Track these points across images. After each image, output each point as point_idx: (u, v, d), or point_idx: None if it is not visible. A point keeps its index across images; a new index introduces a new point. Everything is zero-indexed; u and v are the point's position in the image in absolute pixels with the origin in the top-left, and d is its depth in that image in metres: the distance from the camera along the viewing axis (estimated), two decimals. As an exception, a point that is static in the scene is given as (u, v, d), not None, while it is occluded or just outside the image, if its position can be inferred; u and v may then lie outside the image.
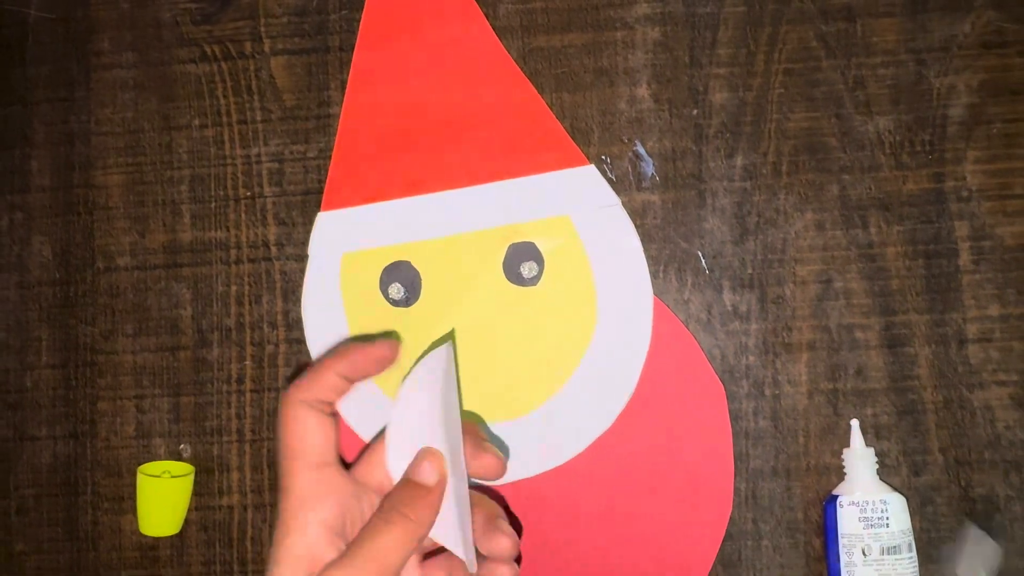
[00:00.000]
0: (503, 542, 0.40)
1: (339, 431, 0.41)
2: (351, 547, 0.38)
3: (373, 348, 0.42)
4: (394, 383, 0.50)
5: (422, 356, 0.44)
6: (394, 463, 0.41)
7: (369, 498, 0.41)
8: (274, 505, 0.52)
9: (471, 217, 0.51)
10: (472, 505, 0.41)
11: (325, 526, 0.39)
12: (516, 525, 0.50)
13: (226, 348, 0.52)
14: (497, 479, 0.43)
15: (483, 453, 0.42)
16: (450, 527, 0.40)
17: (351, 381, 0.42)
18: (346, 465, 0.42)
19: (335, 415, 0.42)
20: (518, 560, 0.50)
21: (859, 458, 0.48)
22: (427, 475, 0.40)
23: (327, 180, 0.52)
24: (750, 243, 0.51)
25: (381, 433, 0.42)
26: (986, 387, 0.50)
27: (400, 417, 0.42)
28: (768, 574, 0.50)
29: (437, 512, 0.40)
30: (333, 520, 0.39)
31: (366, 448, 0.43)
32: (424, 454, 0.41)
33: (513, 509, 0.50)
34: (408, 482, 0.40)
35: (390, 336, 0.42)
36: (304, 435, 0.40)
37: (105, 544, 0.52)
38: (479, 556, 0.41)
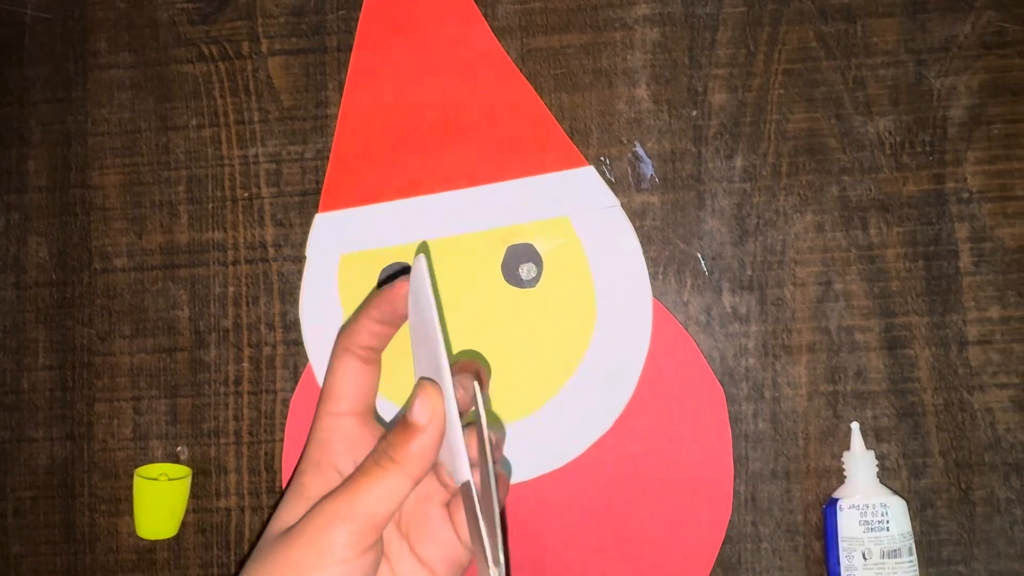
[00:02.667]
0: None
1: (378, 380, 0.42)
2: (337, 492, 0.36)
3: (397, 285, 0.40)
4: (392, 385, 0.50)
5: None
6: (417, 365, 0.40)
7: None
8: (272, 508, 0.51)
9: (469, 218, 0.51)
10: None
11: (336, 470, 0.39)
12: (516, 528, 0.50)
13: (223, 350, 0.52)
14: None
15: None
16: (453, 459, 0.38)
17: (387, 324, 0.41)
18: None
19: (377, 363, 0.42)
20: (506, 556, 0.49)
21: (859, 461, 0.48)
22: (417, 413, 0.37)
23: (325, 181, 0.52)
24: (750, 245, 0.51)
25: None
26: (986, 389, 0.49)
27: (414, 350, 0.41)
28: (767, 577, 0.49)
29: (431, 453, 0.37)
30: (344, 467, 0.39)
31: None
32: (417, 389, 0.37)
33: (512, 511, 0.50)
34: (400, 422, 0.37)
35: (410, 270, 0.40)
36: (335, 381, 0.41)
37: (102, 546, 0.52)
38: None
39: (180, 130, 0.54)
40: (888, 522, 0.46)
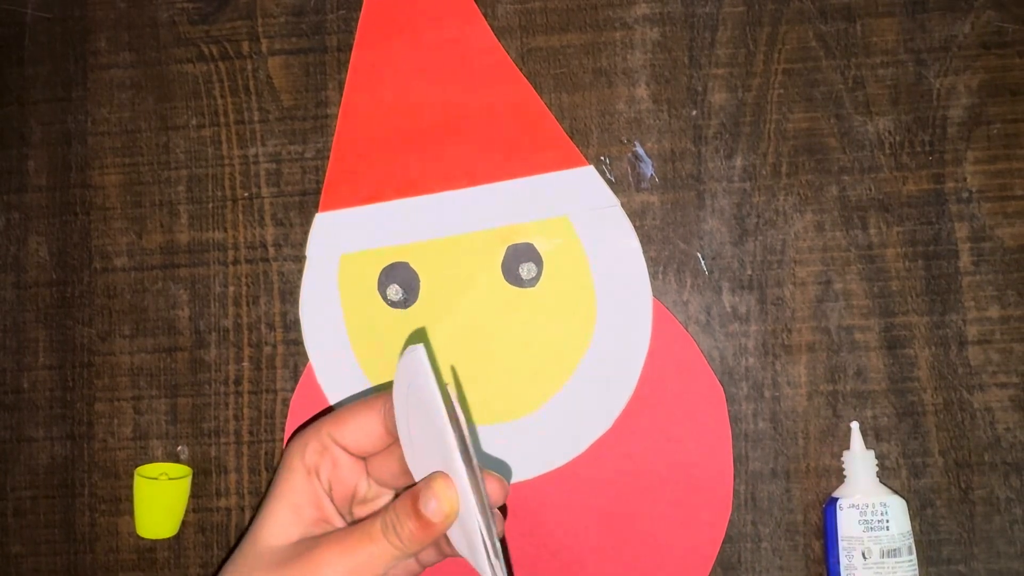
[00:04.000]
0: None
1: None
2: (336, 543, 0.37)
3: (356, 417, 0.40)
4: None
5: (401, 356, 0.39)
6: (413, 463, 0.39)
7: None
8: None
9: (470, 218, 0.51)
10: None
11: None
12: (516, 528, 0.50)
13: (224, 349, 0.52)
14: (501, 502, 0.41)
15: (487, 479, 0.40)
16: (472, 546, 0.37)
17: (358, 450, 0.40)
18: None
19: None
20: (506, 551, 0.50)
21: (859, 460, 0.48)
22: (433, 511, 0.37)
23: (325, 181, 0.52)
24: (749, 244, 0.51)
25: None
26: (986, 389, 0.50)
27: (407, 431, 0.39)
28: (767, 576, 0.49)
29: (435, 540, 0.38)
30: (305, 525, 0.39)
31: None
32: (435, 486, 0.37)
33: (512, 511, 0.50)
34: (412, 503, 0.37)
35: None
36: (300, 495, 0.39)
37: (102, 546, 0.52)
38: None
39: (180, 130, 0.54)
40: (888, 521, 0.46)
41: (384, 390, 0.40)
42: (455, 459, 0.36)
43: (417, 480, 0.38)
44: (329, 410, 0.51)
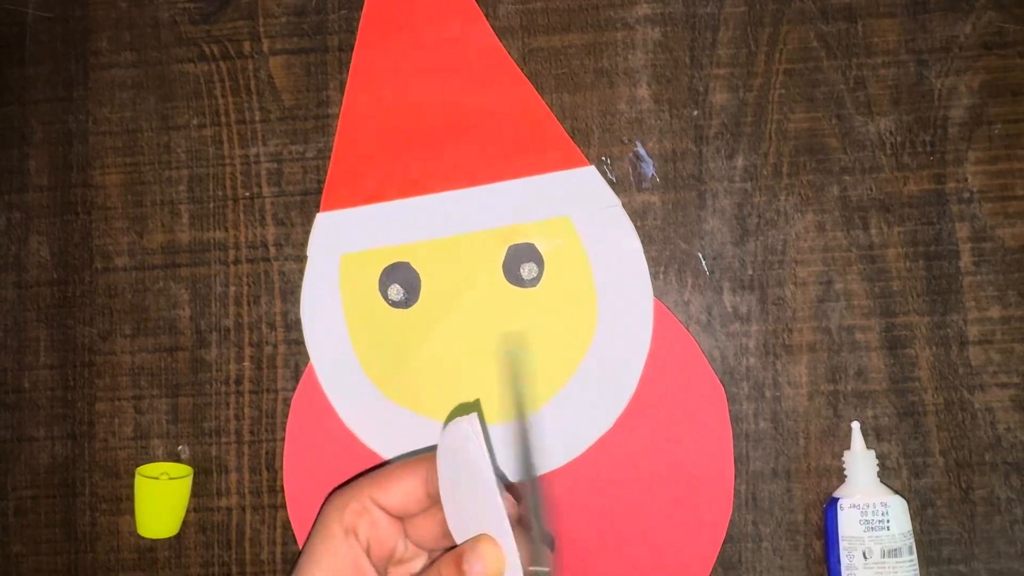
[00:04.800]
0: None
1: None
2: None
3: (400, 482, 0.39)
4: (394, 385, 0.50)
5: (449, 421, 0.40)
6: (455, 525, 0.39)
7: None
8: (273, 507, 0.51)
9: (471, 218, 0.51)
10: None
11: None
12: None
13: (224, 349, 0.52)
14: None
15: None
16: None
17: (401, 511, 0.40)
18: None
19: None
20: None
21: (860, 460, 0.48)
22: (478, 574, 0.36)
23: (326, 180, 0.52)
24: (750, 244, 0.51)
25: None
26: (987, 389, 0.50)
27: (451, 490, 0.39)
28: (768, 576, 0.50)
29: None
30: None
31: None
32: (480, 548, 0.36)
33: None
34: (458, 571, 0.37)
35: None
36: (333, 561, 0.39)
37: (103, 546, 0.52)
38: None
39: (181, 129, 0.54)
40: (888, 521, 0.46)
41: (426, 451, 0.40)
42: (503, 524, 0.36)
43: (459, 542, 0.38)
44: (365, 471, 0.50)
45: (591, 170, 0.51)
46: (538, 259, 0.51)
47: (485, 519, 0.37)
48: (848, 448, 0.49)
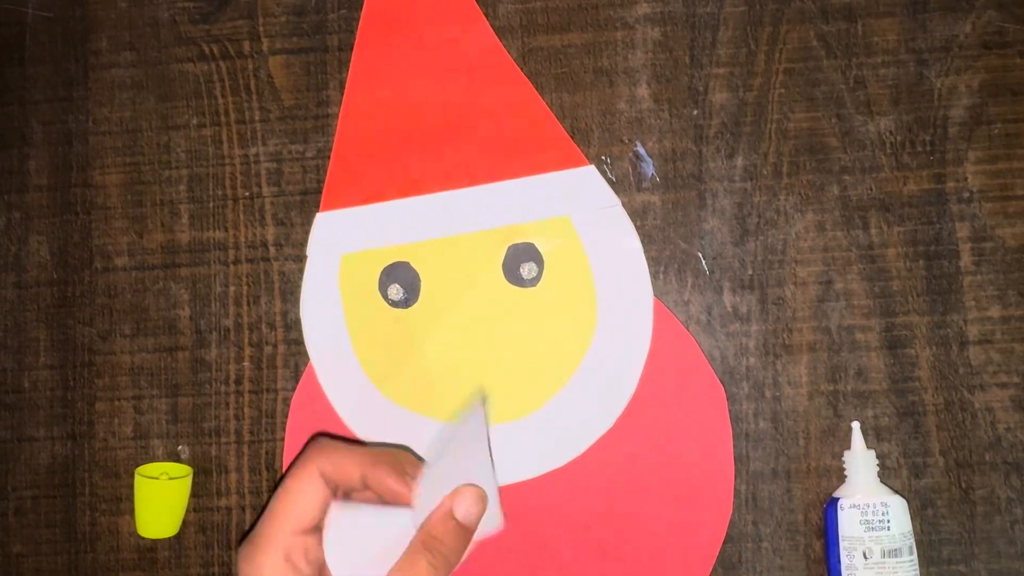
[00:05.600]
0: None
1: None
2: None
3: (396, 483, 0.41)
4: (394, 385, 0.50)
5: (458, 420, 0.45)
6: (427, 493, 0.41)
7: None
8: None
9: (470, 218, 0.51)
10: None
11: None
12: (516, 528, 0.50)
13: (224, 349, 0.52)
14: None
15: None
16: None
17: (365, 485, 0.41)
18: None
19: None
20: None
21: (860, 460, 0.48)
22: (468, 514, 0.40)
23: (326, 180, 0.52)
24: (750, 244, 0.51)
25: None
26: (987, 389, 0.50)
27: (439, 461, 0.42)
28: (768, 576, 0.49)
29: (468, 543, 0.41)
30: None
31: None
32: (469, 493, 0.41)
33: (513, 511, 0.50)
34: (449, 518, 0.40)
35: (415, 478, 0.41)
36: (304, 501, 0.40)
37: (103, 546, 0.52)
38: None
39: (181, 129, 0.54)
40: (888, 521, 0.46)
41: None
42: (491, 473, 0.41)
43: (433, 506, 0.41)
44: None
45: (591, 170, 0.51)
46: (538, 259, 0.51)
47: (472, 472, 0.41)
48: (848, 448, 0.49)
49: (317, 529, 0.40)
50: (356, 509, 0.40)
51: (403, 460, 0.42)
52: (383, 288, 0.51)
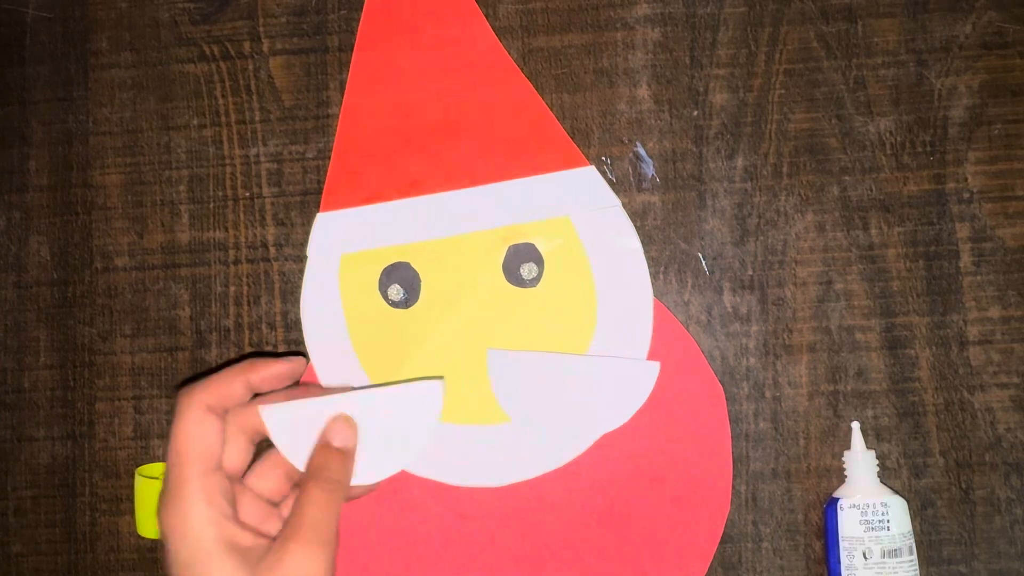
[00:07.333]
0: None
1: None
2: (293, 521, 0.40)
3: (278, 364, 0.44)
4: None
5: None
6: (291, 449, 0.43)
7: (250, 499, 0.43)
8: (273, 507, 0.51)
9: (470, 218, 0.51)
10: None
11: (214, 525, 0.40)
12: (516, 528, 0.50)
13: (224, 349, 0.52)
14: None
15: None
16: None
17: (251, 391, 0.43)
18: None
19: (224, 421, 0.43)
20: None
21: (860, 460, 0.48)
22: (345, 440, 0.43)
23: (326, 181, 0.52)
24: (750, 244, 0.51)
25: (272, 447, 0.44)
26: (987, 389, 0.50)
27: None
28: (768, 576, 0.50)
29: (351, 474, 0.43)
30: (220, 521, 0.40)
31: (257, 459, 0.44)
32: (339, 420, 0.43)
33: (512, 511, 0.50)
34: (327, 447, 0.42)
35: (298, 356, 0.45)
36: (201, 439, 0.41)
37: (103, 546, 0.52)
38: None
39: (181, 130, 0.54)
40: (888, 522, 0.46)
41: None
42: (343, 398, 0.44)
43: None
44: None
45: (591, 170, 0.51)
46: (538, 259, 0.51)
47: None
48: (848, 448, 0.49)
49: (220, 467, 0.41)
50: (285, 407, 0.43)
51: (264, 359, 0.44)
52: (383, 288, 0.51)
